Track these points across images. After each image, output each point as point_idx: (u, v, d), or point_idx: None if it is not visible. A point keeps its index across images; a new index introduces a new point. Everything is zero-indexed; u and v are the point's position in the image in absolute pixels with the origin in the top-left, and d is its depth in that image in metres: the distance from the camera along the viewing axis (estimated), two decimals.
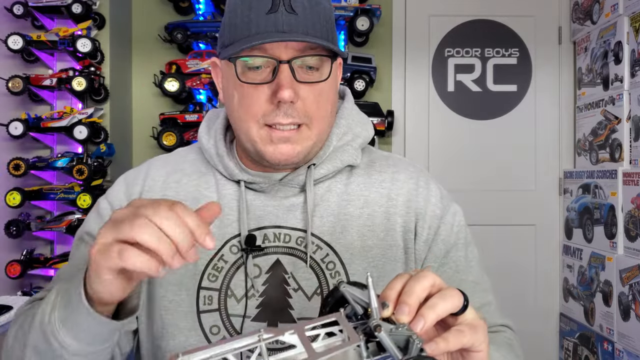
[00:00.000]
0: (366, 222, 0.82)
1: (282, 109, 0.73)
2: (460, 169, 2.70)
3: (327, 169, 0.82)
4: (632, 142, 2.16)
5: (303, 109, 0.74)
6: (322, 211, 0.81)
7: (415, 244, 0.82)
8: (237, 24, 0.73)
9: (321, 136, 0.79)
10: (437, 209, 0.84)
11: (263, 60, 0.72)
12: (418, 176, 0.87)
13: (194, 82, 2.47)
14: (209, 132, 0.87)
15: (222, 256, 0.80)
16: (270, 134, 0.74)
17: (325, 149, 0.82)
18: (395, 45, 2.72)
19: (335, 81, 0.80)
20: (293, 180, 0.81)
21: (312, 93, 0.74)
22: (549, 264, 2.71)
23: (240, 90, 0.75)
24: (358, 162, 0.84)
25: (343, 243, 0.80)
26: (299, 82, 0.73)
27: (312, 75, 0.74)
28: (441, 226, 0.83)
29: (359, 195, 0.83)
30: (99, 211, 0.85)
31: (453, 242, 0.84)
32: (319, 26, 0.73)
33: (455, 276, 0.84)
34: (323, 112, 0.77)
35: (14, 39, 2.26)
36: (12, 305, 1.81)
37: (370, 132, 0.88)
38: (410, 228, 0.82)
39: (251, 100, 0.74)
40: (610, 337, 2.19)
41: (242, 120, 0.76)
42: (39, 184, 2.37)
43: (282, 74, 0.71)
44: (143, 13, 2.68)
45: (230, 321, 0.78)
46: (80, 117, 2.29)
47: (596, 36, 2.43)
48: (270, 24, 0.70)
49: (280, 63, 0.71)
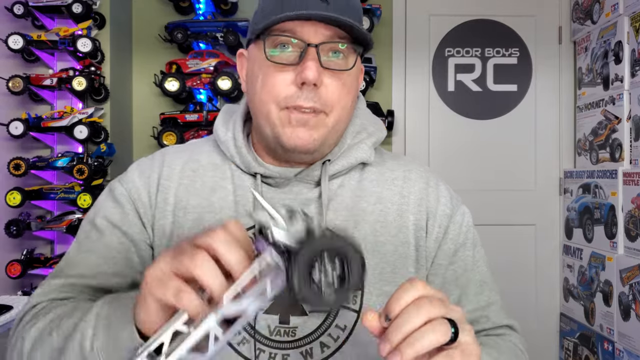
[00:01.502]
0: (379, 218, 0.82)
1: (305, 92, 0.73)
2: (460, 169, 2.70)
3: (341, 165, 0.83)
4: (632, 142, 2.15)
5: (325, 95, 0.74)
6: (336, 206, 0.82)
7: (426, 242, 0.83)
8: (271, 9, 0.73)
9: (337, 126, 0.79)
10: (447, 209, 0.85)
11: (292, 42, 0.73)
12: (428, 176, 0.88)
13: (194, 82, 2.47)
14: (226, 125, 0.87)
15: None
16: (290, 115, 0.75)
17: (340, 146, 0.83)
18: (396, 45, 2.72)
19: (357, 77, 0.81)
20: (308, 175, 0.81)
21: (336, 82, 0.75)
22: (549, 263, 2.71)
23: (265, 70, 0.75)
24: (371, 159, 0.85)
25: (356, 238, 0.80)
26: (325, 68, 0.73)
27: (338, 63, 0.75)
28: (450, 225, 0.85)
29: (372, 192, 0.84)
30: (116, 197, 0.83)
31: (462, 241, 0.85)
32: (349, 14, 0.73)
33: (464, 275, 0.85)
34: (343, 103, 0.77)
35: (14, 38, 2.26)
36: (13, 305, 1.81)
37: (383, 132, 0.90)
38: (422, 226, 0.83)
39: (275, 81, 0.74)
40: (611, 337, 2.19)
41: (263, 103, 0.76)
42: (39, 184, 2.37)
43: (309, 56, 0.72)
44: (143, 13, 2.68)
45: None
46: (81, 117, 2.29)
47: (596, 36, 2.43)
48: (300, 5, 0.71)
49: (309, 46, 0.72)
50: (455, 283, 0.84)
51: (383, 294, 0.79)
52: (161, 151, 0.90)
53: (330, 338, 0.78)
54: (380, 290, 0.79)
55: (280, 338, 0.78)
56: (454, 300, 0.84)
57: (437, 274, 0.84)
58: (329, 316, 0.78)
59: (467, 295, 0.85)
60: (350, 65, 0.76)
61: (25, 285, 2.38)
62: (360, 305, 0.78)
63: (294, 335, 0.78)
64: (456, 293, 0.84)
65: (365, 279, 0.78)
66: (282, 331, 0.78)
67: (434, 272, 0.84)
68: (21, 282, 2.37)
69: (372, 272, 0.80)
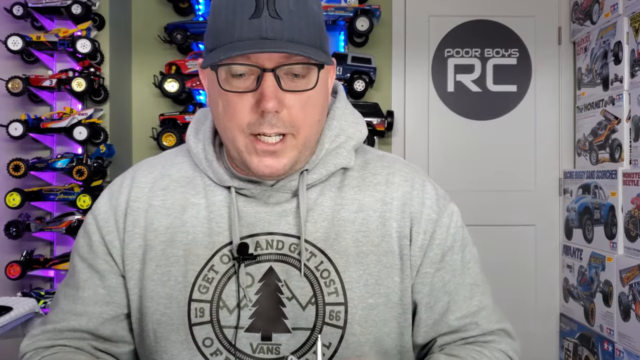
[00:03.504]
0: (361, 227, 0.79)
1: (267, 118, 0.70)
2: (460, 169, 2.70)
3: (320, 174, 0.79)
4: (632, 142, 2.15)
5: (289, 118, 0.71)
6: (316, 216, 0.78)
7: (410, 250, 0.79)
8: (221, 29, 0.69)
9: (308, 143, 0.76)
10: (432, 212, 0.81)
11: (246, 68, 0.69)
12: (413, 178, 0.83)
13: (194, 83, 2.47)
14: (197, 135, 0.83)
15: (212, 266, 0.77)
16: (255, 145, 0.72)
17: (318, 153, 0.79)
18: (395, 46, 2.72)
19: (324, 87, 0.77)
20: (285, 185, 0.78)
21: (299, 101, 0.71)
22: (549, 264, 2.71)
23: (224, 98, 0.72)
24: (352, 164, 0.81)
25: (337, 249, 0.78)
26: (285, 90, 0.70)
27: (298, 83, 0.71)
28: (437, 230, 0.81)
29: (353, 199, 0.80)
30: (87, 229, 0.83)
31: (450, 245, 0.82)
32: (306, 31, 0.70)
33: (452, 280, 0.82)
34: (310, 121, 0.73)
35: (13, 39, 2.26)
36: (12, 307, 1.81)
37: (364, 132, 0.85)
38: (406, 233, 0.79)
39: (235, 109, 0.71)
40: (611, 338, 2.19)
41: (227, 129, 0.74)
42: (39, 185, 2.37)
43: (265, 83, 0.68)
44: (143, 14, 2.68)
45: (223, 333, 0.76)
46: (80, 118, 2.29)
47: (596, 36, 2.43)
48: (254, 29, 0.67)
49: (264, 71, 0.68)
50: (443, 290, 0.81)
51: (367, 307, 0.77)
52: (133, 168, 0.88)
53: (314, 355, 0.75)
54: (365, 303, 0.77)
55: (264, 355, 0.76)
56: (443, 308, 0.81)
57: (424, 282, 0.81)
58: (313, 333, 0.76)
59: (456, 302, 0.82)
60: (312, 84, 0.71)
61: (24, 286, 2.38)
62: (345, 321, 0.76)
63: (277, 353, 0.76)
64: (444, 300, 0.81)
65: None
66: (266, 348, 0.76)
67: (420, 280, 0.80)
68: (21, 283, 2.37)
69: (355, 284, 0.77)
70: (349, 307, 0.76)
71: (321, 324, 0.76)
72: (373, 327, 0.77)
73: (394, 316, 0.80)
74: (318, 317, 0.76)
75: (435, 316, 0.82)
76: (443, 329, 0.82)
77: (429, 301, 0.81)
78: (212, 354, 0.76)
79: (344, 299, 0.76)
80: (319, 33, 0.72)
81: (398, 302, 0.79)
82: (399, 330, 0.81)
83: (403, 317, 0.80)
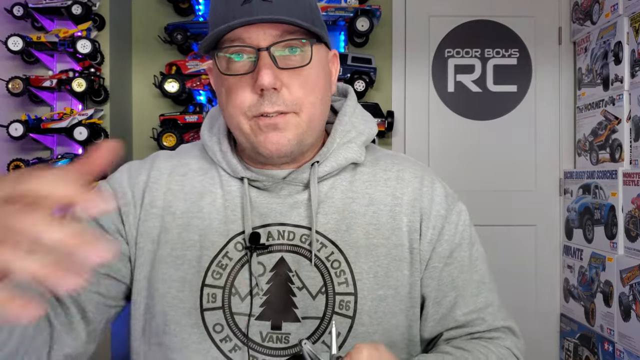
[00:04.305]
0: (371, 220, 0.81)
1: (267, 97, 0.72)
2: (460, 170, 2.70)
3: (330, 166, 0.81)
4: (632, 142, 2.15)
5: (289, 96, 0.73)
6: (327, 208, 0.80)
7: (420, 244, 0.81)
8: (216, 21, 0.72)
9: (312, 124, 0.77)
10: (441, 209, 0.83)
11: (243, 50, 0.72)
12: (423, 175, 0.86)
13: (194, 83, 2.47)
14: (211, 130, 0.86)
15: (226, 253, 0.79)
16: (258, 123, 0.74)
17: (329, 146, 0.81)
18: (395, 46, 2.72)
19: (323, 68, 0.78)
20: (297, 177, 0.80)
21: (297, 79, 0.73)
22: (549, 264, 2.71)
23: (226, 84, 0.74)
24: (362, 159, 0.83)
25: (348, 241, 0.79)
26: (281, 68, 0.71)
27: (294, 60, 0.73)
28: (445, 226, 0.83)
29: (364, 193, 0.82)
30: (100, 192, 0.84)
31: (458, 241, 0.84)
32: (296, 10, 0.71)
33: (460, 276, 0.84)
34: (312, 99, 0.75)
35: (13, 40, 2.26)
36: None
37: (374, 129, 0.87)
38: (416, 228, 0.81)
39: (236, 92, 0.73)
40: (611, 338, 2.19)
41: (232, 116, 0.75)
42: None
43: (261, 61, 0.70)
44: (143, 14, 2.68)
45: (234, 319, 0.78)
46: (81, 119, 2.29)
47: (596, 36, 2.43)
48: (245, 13, 0.69)
49: (260, 50, 0.70)
50: (451, 285, 0.83)
51: (377, 298, 0.78)
52: (153, 155, 0.90)
53: (324, 345, 0.77)
54: (374, 295, 0.78)
55: (274, 344, 0.77)
56: (450, 303, 0.83)
57: (432, 276, 0.83)
58: (323, 322, 0.77)
59: (464, 297, 0.83)
60: (307, 60, 0.73)
61: None
62: (355, 310, 0.77)
63: (287, 342, 0.77)
64: (452, 295, 0.83)
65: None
66: (275, 337, 0.77)
67: (429, 275, 0.82)
68: None
69: (365, 275, 0.78)
70: (359, 297, 0.78)
71: (331, 313, 0.77)
72: (382, 319, 0.79)
73: (403, 309, 0.81)
74: (328, 307, 0.77)
75: (443, 311, 0.83)
76: (450, 324, 0.84)
77: (437, 296, 0.83)
78: (221, 340, 0.77)
79: (354, 289, 0.78)
80: (310, 14, 0.74)
81: (407, 295, 0.81)
82: (407, 323, 0.82)
83: (411, 311, 0.82)
